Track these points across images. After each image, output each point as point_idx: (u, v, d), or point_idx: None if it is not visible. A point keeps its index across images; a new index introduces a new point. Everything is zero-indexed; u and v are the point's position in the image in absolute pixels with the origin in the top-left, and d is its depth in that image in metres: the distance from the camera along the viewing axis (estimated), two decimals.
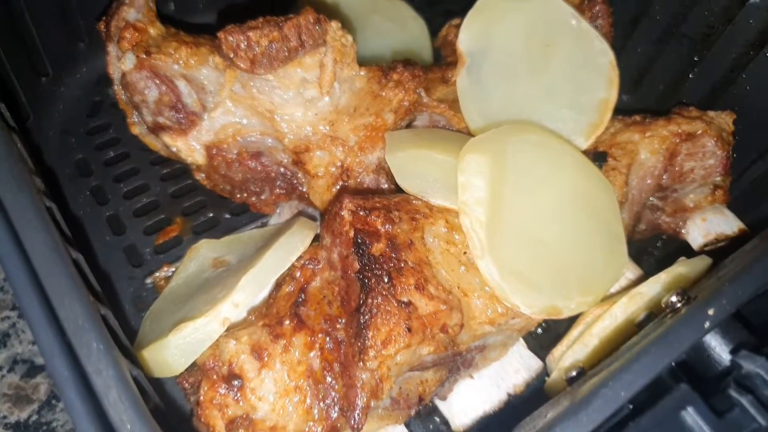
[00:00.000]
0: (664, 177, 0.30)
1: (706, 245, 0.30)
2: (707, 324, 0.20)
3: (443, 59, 0.36)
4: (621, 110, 0.33)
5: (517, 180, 0.24)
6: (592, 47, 0.31)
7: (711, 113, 0.31)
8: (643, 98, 0.37)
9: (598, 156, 0.29)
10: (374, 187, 0.27)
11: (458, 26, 0.32)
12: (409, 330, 0.20)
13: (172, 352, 0.21)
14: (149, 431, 0.18)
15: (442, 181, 0.24)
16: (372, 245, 0.22)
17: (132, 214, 0.31)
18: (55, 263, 0.20)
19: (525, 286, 0.23)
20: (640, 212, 0.30)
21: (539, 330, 0.29)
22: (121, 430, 0.19)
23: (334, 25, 0.27)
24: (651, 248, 0.34)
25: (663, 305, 0.22)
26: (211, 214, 0.31)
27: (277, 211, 0.30)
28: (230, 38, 0.24)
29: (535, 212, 0.25)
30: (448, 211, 0.24)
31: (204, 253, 0.28)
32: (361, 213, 0.22)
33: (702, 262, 0.27)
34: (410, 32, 0.39)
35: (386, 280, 0.21)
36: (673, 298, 0.22)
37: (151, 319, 0.25)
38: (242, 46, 0.25)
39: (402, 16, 0.40)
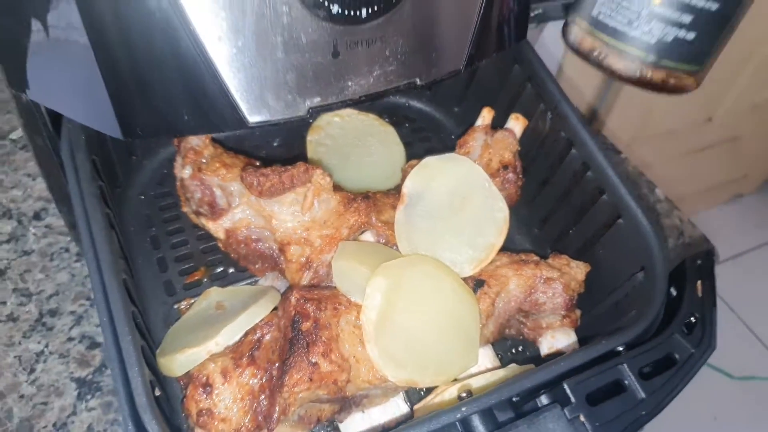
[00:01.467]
0: (524, 303, 0.43)
1: (548, 356, 0.44)
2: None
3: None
4: (520, 248, 0.46)
5: (406, 298, 0.38)
6: (494, 205, 0.44)
7: (572, 263, 0.44)
8: (541, 241, 0.50)
9: (478, 282, 0.42)
10: (323, 276, 0.41)
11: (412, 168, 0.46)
12: (311, 379, 0.35)
13: (177, 363, 0.36)
14: (151, 401, 0.32)
15: (361, 287, 0.38)
16: (302, 323, 0.36)
17: (174, 258, 0.46)
18: (118, 285, 0.35)
19: (395, 364, 0.37)
20: (505, 324, 0.43)
21: (422, 391, 0.43)
22: (137, 397, 0.33)
23: (318, 171, 0.41)
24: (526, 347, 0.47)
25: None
26: (223, 269, 0.46)
27: (265, 275, 0.45)
28: (248, 178, 0.39)
29: (414, 318, 0.38)
30: (359, 306, 0.38)
31: (212, 296, 0.43)
32: (302, 300, 0.37)
33: (528, 368, 0.41)
34: (392, 155, 0.53)
35: (305, 346, 0.35)
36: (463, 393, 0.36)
37: (170, 335, 0.40)
38: (255, 183, 0.39)
39: (389, 141, 0.53)
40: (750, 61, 1.29)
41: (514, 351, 0.45)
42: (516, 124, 0.47)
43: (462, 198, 0.43)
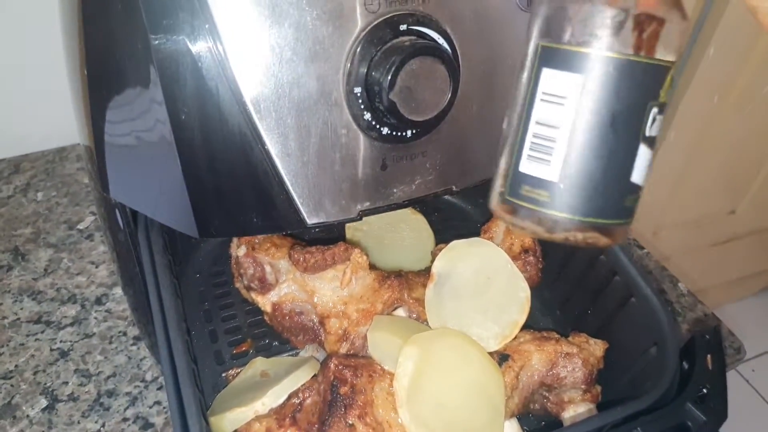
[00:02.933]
0: (546, 377, 0.46)
1: None
2: None
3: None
4: (544, 329, 0.50)
5: (436, 366, 0.42)
6: (516, 285, 0.48)
7: (591, 340, 0.48)
8: (563, 323, 0.53)
9: (503, 356, 0.45)
10: (359, 347, 0.46)
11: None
12: None
13: (226, 422, 0.40)
14: None
15: (394, 356, 0.42)
16: (341, 387, 0.40)
17: (224, 331, 0.51)
18: (182, 342, 0.39)
19: (425, 428, 0.40)
20: (529, 397, 0.46)
21: None
22: None
23: (357, 250, 0.47)
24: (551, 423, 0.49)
25: None
26: (268, 341, 0.50)
27: (306, 347, 0.49)
28: (295, 255, 0.45)
29: (443, 386, 0.42)
30: (392, 375, 0.42)
31: (257, 366, 0.47)
32: (340, 367, 0.41)
33: None
34: (422, 240, 0.58)
35: (343, 409, 0.39)
36: None
37: (219, 399, 0.44)
38: (301, 260, 0.45)
39: (420, 228, 0.59)
40: None
41: (538, 426, 0.48)
42: None
43: (487, 278, 0.48)
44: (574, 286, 0.51)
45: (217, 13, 0.35)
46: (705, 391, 0.40)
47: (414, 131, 0.40)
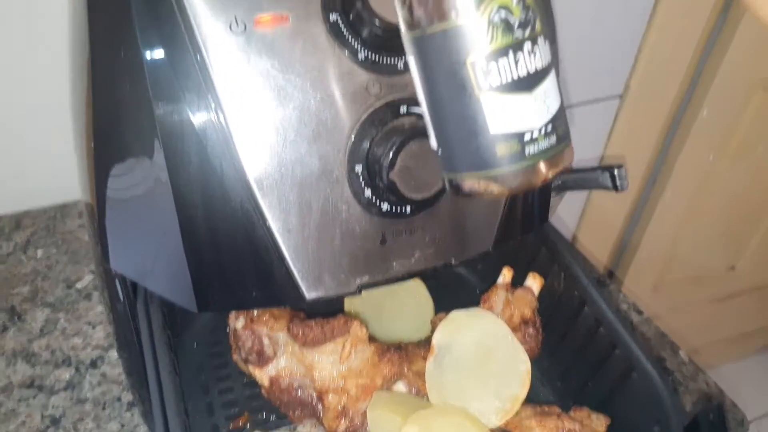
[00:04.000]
0: None
1: None
2: None
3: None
4: (545, 400, 0.49)
5: None
6: (517, 358, 0.47)
7: (593, 415, 0.47)
8: (564, 394, 0.52)
9: None
10: (359, 424, 0.45)
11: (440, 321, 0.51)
12: None
13: None
14: None
15: None
16: None
17: (221, 404, 0.50)
18: (180, 423, 0.39)
19: None
20: None
21: None
22: None
23: (356, 323, 0.46)
24: None
25: None
26: (266, 415, 0.49)
27: (304, 422, 0.48)
28: (294, 329, 0.44)
29: None
30: None
31: None
32: None
33: None
34: (421, 307, 0.57)
35: None
36: None
37: None
38: (300, 334, 0.44)
39: (419, 294, 0.58)
40: None
41: None
42: (533, 282, 0.52)
43: (487, 350, 0.47)
44: (574, 357, 0.51)
45: (223, 93, 0.35)
46: None
47: (413, 207, 0.41)
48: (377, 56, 0.37)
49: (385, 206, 0.40)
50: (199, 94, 0.35)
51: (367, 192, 0.39)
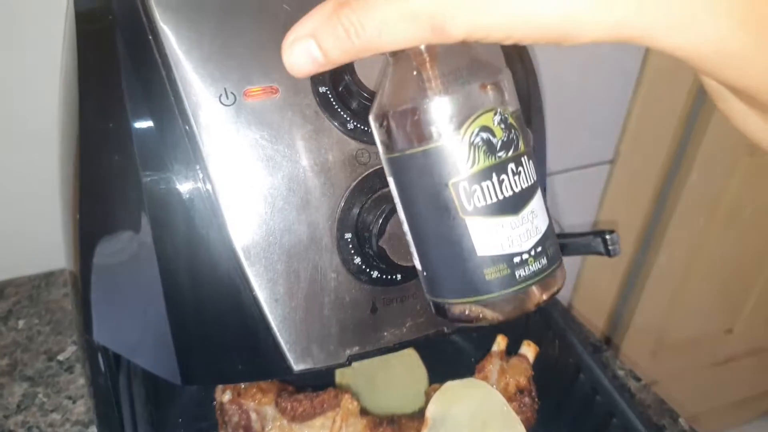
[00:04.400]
0: None
1: None
2: None
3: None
4: None
5: None
6: (513, 428, 0.46)
7: None
8: None
9: None
10: None
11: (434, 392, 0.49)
12: None
13: None
14: None
15: None
16: None
17: None
18: None
19: None
20: None
21: None
22: None
23: (347, 396, 0.45)
24: None
25: None
26: None
27: None
28: (282, 403, 0.43)
29: None
30: None
31: None
32: None
33: None
34: (414, 377, 0.56)
35: None
36: None
37: None
38: (288, 408, 0.43)
39: (412, 364, 0.57)
40: (762, 273, 1.35)
41: None
42: (528, 350, 0.51)
43: (482, 421, 0.45)
44: (570, 426, 0.49)
45: (211, 163, 0.35)
46: None
47: (404, 275, 0.40)
48: (366, 126, 0.37)
49: (375, 274, 0.39)
50: (187, 164, 0.35)
51: (357, 259, 0.39)
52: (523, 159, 0.27)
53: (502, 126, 0.26)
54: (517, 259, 0.27)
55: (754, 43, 0.20)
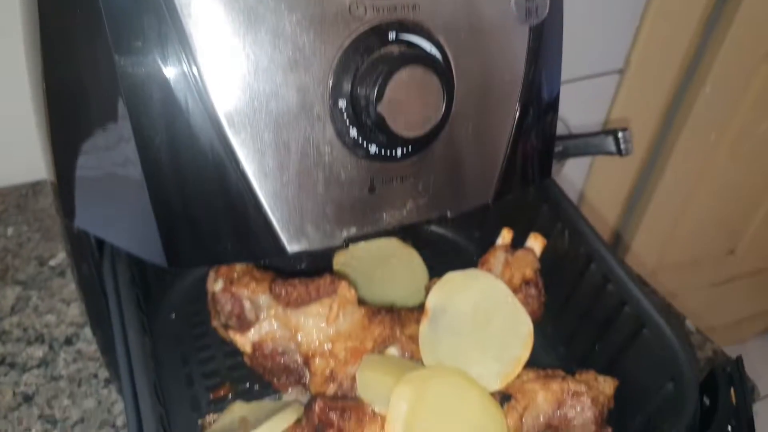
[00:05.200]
0: (552, 419, 0.42)
1: None
2: None
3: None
4: (548, 367, 0.46)
5: (432, 408, 0.37)
6: (518, 319, 0.44)
7: (600, 378, 0.43)
8: (568, 359, 0.49)
9: (505, 396, 0.41)
10: (348, 389, 0.41)
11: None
12: None
13: None
14: None
15: (386, 397, 0.38)
16: (325, 430, 0.36)
17: (201, 375, 0.46)
18: (148, 385, 0.35)
19: None
20: None
21: None
22: None
23: (344, 283, 0.43)
24: None
25: None
26: (249, 384, 0.45)
27: (289, 390, 0.44)
28: (276, 288, 0.41)
29: (439, 426, 0.38)
30: (383, 418, 0.38)
31: (236, 411, 0.43)
32: (326, 409, 0.37)
33: None
34: (414, 274, 0.54)
35: None
36: None
37: None
38: (282, 293, 0.41)
39: (412, 261, 0.55)
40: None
41: None
42: (535, 243, 0.49)
43: (485, 312, 0.44)
44: (579, 319, 0.47)
45: (186, 17, 0.32)
46: (730, 429, 0.36)
47: (404, 149, 0.37)
48: None
49: (373, 148, 0.36)
50: (159, 18, 0.32)
51: (353, 131, 0.36)
52: None
53: None
54: None
55: None
